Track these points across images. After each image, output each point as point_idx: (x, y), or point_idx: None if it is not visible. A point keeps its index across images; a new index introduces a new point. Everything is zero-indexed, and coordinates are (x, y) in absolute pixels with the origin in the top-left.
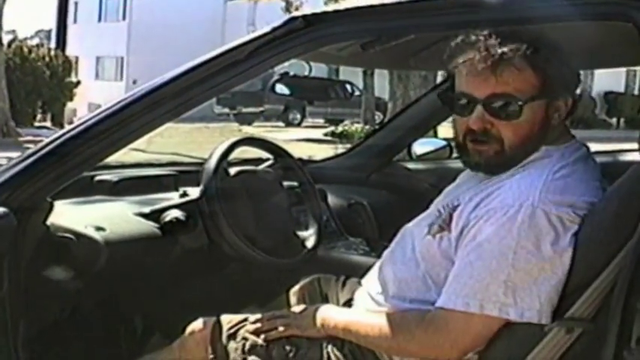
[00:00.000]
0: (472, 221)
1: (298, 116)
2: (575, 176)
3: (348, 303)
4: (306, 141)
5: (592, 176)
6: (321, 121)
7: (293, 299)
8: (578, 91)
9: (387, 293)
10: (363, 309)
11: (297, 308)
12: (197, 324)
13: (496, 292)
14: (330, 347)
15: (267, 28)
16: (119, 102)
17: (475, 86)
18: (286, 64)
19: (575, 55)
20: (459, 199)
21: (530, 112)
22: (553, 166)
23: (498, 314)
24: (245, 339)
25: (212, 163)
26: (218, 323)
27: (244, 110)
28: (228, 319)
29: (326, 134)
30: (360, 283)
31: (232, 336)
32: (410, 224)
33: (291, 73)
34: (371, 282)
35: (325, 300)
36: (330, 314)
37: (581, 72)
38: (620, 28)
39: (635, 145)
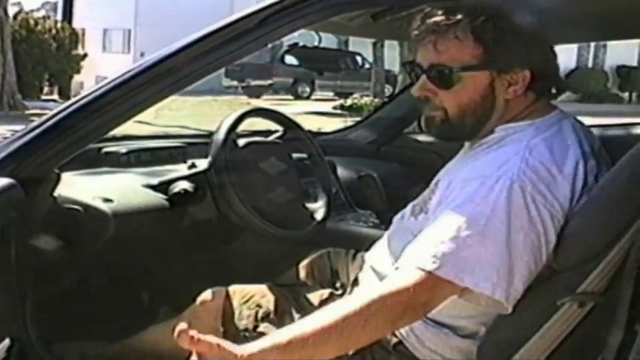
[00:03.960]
0: (449, 192)
1: (307, 89)
2: (552, 150)
3: (357, 279)
4: (316, 114)
5: (572, 147)
6: (330, 94)
7: (302, 273)
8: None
9: (389, 266)
10: (367, 284)
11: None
12: (208, 293)
13: (458, 256)
14: None
15: None
16: (125, 73)
17: (421, 56)
18: (296, 34)
19: (587, 27)
20: (441, 176)
21: (471, 82)
22: (528, 142)
23: (454, 279)
24: (259, 306)
25: (221, 134)
26: (227, 293)
27: (253, 83)
28: (238, 289)
29: (335, 107)
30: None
31: (244, 304)
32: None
33: (301, 44)
34: (374, 257)
35: (335, 274)
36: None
37: (593, 44)
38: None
39: None
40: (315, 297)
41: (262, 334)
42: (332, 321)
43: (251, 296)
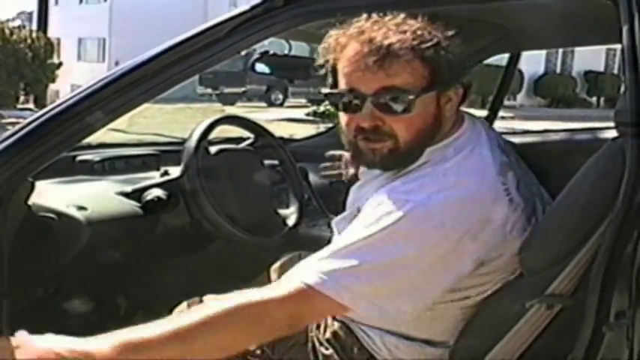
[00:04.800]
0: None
1: (280, 96)
2: (468, 170)
3: None
4: (288, 121)
5: (488, 163)
6: (303, 101)
7: (274, 276)
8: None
9: None
10: None
11: None
12: (184, 305)
13: (343, 273)
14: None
15: (246, 6)
16: (99, 81)
17: (363, 81)
18: (266, 42)
19: (554, 33)
20: (361, 202)
21: (422, 105)
22: (445, 164)
23: (334, 296)
24: None
25: (193, 142)
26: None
27: (227, 90)
28: (212, 300)
29: (308, 114)
30: None
31: None
32: (334, 220)
33: (271, 52)
34: None
35: None
36: None
37: (561, 50)
38: (599, 5)
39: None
40: None
41: None
42: (176, 327)
43: None
